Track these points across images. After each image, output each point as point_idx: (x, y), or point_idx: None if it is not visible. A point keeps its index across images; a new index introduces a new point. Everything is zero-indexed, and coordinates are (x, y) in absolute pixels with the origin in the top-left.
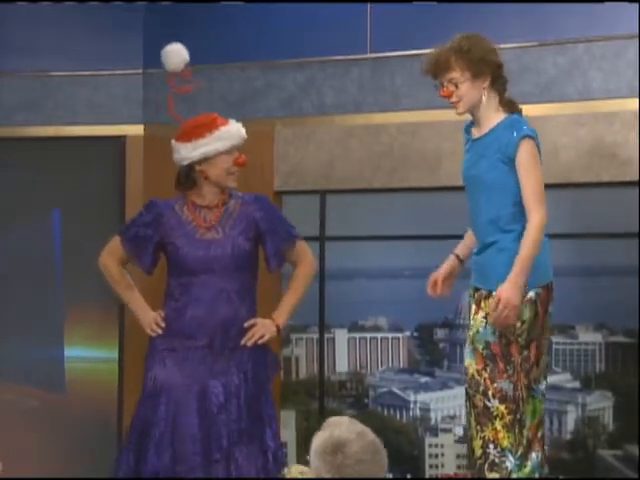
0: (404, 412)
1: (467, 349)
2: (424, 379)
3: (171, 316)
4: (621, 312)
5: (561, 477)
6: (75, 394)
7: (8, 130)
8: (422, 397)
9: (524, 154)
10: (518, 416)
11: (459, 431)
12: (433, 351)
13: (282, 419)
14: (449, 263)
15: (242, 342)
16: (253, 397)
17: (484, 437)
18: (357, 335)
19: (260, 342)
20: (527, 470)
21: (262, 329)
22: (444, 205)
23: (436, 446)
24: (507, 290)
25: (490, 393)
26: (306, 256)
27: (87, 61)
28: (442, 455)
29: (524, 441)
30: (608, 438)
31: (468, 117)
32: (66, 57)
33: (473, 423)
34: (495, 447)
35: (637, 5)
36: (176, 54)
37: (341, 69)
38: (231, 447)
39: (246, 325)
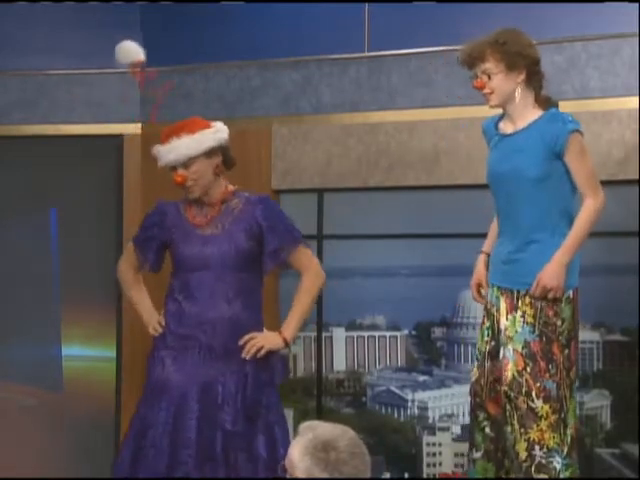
0: (402, 411)
1: (506, 351)
2: (422, 378)
3: (170, 315)
4: (619, 311)
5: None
6: (73, 393)
7: (5, 129)
8: (420, 396)
9: (576, 147)
10: (562, 415)
11: (457, 430)
12: (431, 350)
13: None
14: (483, 263)
15: (242, 355)
16: (251, 401)
17: (529, 439)
18: (355, 333)
19: (259, 355)
20: (572, 470)
21: (262, 341)
22: (441, 203)
23: (434, 445)
24: (549, 270)
25: (534, 394)
26: (310, 265)
27: (84, 60)
28: (440, 454)
29: (568, 440)
30: (606, 437)
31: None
32: (63, 56)
33: (516, 426)
34: (541, 448)
35: (633, 4)
36: (127, 52)
37: (338, 68)
38: (227, 450)
39: (241, 342)
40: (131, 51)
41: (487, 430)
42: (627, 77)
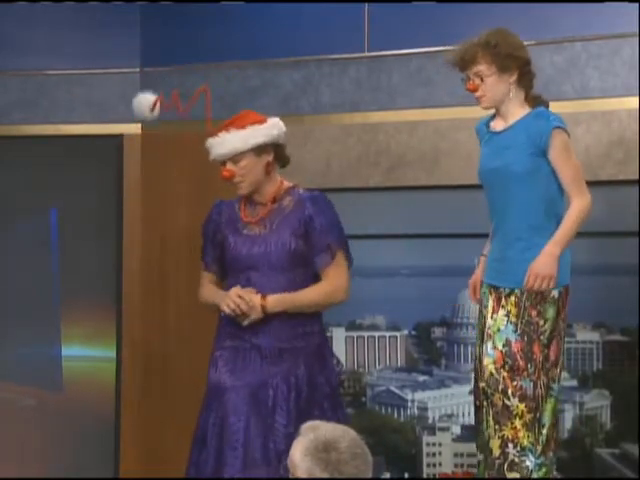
0: (402, 411)
1: (486, 348)
2: (422, 378)
3: (225, 315)
4: (619, 311)
5: (558, 476)
6: (72, 393)
7: (4, 129)
8: (420, 396)
9: (560, 144)
10: (537, 415)
11: (457, 430)
12: (431, 350)
13: None
14: (482, 265)
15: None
16: (304, 404)
17: (503, 436)
18: (355, 334)
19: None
20: (545, 470)
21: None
22: (441, 203)
23: (434, 445)
24: (540, 261)
25: (510, 392)
26: (335, 277)
27: (84, 60)
28: (440, 454)
29: (543, 439)
30: (605, 437)
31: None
32: (63, 56)
33: (491, 422)
34: (515, 446)
35: (633, 4)
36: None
37: (338, 68)
38: (279, 453)
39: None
40: (145, 102)
41: None
42: (627, 77)
